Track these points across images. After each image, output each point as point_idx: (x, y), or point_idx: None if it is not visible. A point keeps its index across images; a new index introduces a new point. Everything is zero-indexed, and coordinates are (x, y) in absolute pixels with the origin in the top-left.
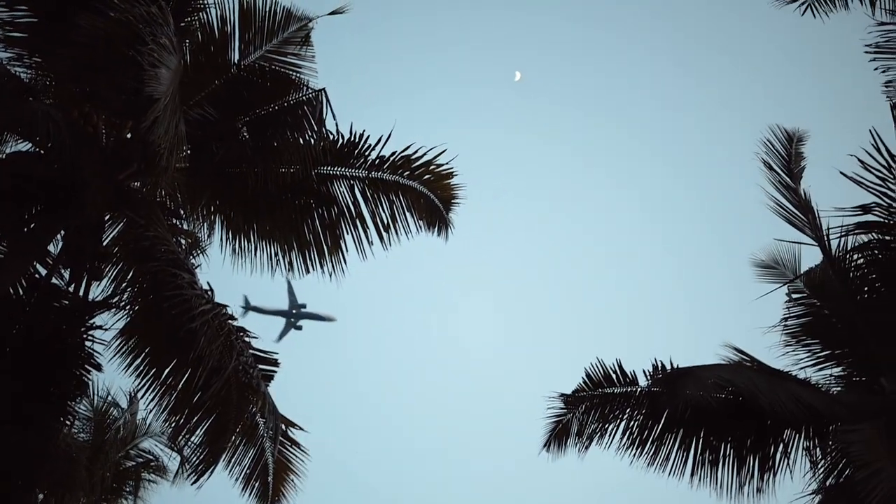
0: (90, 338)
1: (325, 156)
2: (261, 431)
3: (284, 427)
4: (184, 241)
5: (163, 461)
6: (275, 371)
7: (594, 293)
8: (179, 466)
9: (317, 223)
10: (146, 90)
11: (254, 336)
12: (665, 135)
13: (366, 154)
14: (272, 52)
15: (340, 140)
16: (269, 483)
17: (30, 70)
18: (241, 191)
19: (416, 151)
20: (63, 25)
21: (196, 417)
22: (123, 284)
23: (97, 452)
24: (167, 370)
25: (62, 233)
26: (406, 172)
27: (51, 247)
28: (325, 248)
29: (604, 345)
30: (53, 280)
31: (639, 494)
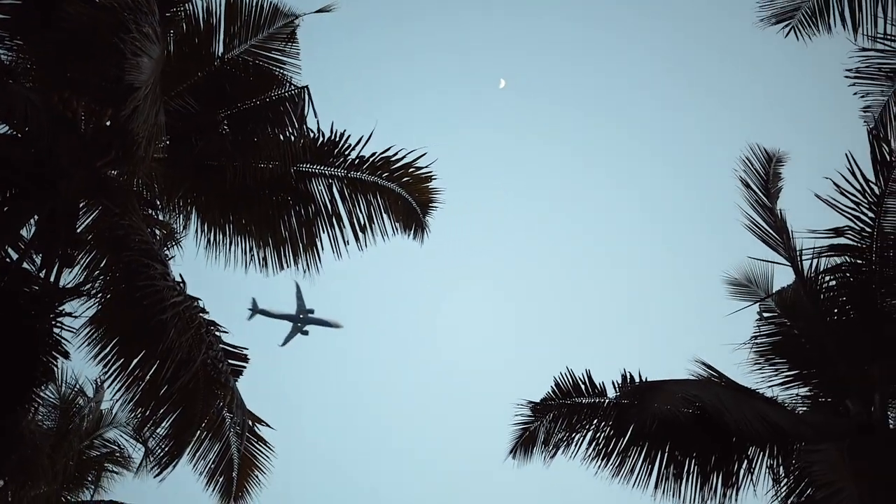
0: (59, 325)
1: (305, 153)
2: (227, 426)
3: (252, 423)
4: (158, 232)
5: (127, 452)
6: (244, 366)
7: (590, 295)
8: (143, 458)
9: (293, 220)
10: (127, 79)
11: (224, 330)
12: (665, 135)
13: (346, 153)
14: (257, 47)
15: (321, 138)
16: (234, 479)
17: (10, 52)
18: (219, 184)
19: (397, 153)
20: (47, 9)
21: (162, 409)
22: (96, 272)
23: (61, 440)
24: (135, 360)
25: (35, 217)
26: (385, 174)
27: (23, 231)
28: (301, 246)
29: (587, 349)
30: (24, 265)
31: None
